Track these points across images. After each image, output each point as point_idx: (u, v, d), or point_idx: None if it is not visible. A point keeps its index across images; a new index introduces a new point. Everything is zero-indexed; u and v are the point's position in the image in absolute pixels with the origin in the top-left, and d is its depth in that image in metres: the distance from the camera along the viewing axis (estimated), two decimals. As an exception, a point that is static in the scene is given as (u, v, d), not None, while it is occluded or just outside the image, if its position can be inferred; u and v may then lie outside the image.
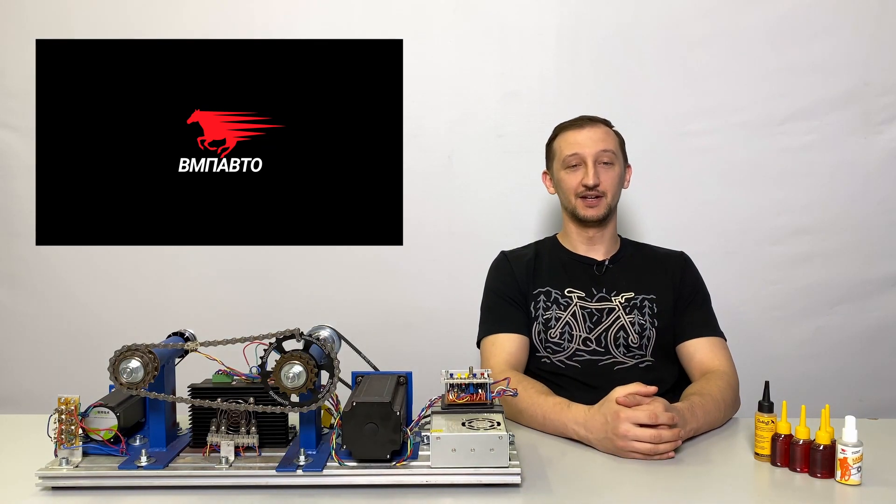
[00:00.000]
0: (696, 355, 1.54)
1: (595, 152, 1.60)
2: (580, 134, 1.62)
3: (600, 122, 1.66)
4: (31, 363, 2.13)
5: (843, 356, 2.11)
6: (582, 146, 1.61)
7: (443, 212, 2.10)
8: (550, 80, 2.07)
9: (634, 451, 1.21)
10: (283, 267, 2.10)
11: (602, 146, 1.60)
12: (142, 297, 2.11)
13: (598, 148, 1.60)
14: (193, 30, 2.05)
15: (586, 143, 1.61)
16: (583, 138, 1.61)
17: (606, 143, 1.61)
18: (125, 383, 1.08)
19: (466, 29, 2.07)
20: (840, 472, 1.11)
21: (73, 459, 1.11)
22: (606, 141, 1.62)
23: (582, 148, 1.60)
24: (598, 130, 1.63)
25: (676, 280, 1.62)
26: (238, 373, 1.21)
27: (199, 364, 1.21)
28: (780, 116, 2.05)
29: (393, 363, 1.32)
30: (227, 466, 1.09)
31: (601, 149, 1.60)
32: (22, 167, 2.06)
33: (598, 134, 1.62)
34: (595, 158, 1.60)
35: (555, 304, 1.59)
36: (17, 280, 2.12)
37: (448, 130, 2.09)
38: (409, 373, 1.24)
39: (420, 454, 1.12)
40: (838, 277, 2.09)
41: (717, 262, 1.98)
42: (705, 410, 1.34)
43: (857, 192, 2.07)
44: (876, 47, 2.03)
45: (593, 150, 1.60)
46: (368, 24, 2.05)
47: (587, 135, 1.62)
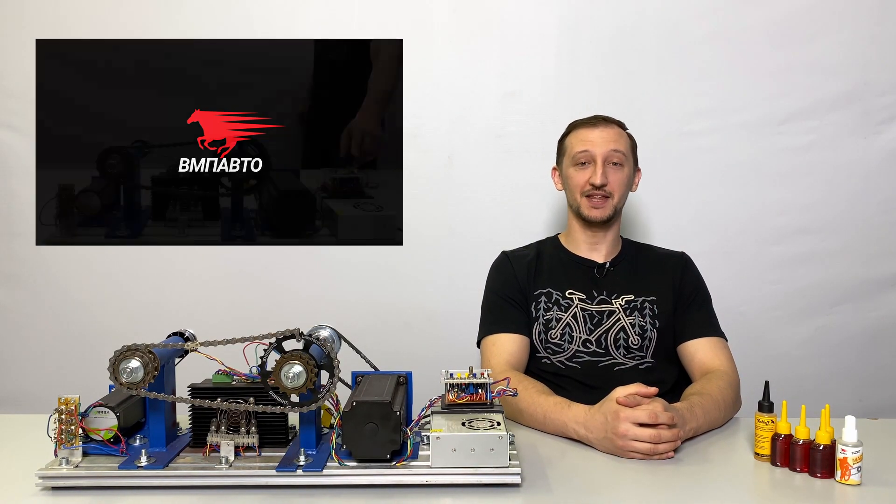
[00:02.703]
0: (697, 355, 1.54)
1: (605, 151, 1.59)
2: (592, 132, 1.62)
3: (614, 122, 1.65)
4: (31, 363, 2.13)
5: (843, 356, 2.11)
6: (593, 144, 1.60)
7: (443, 212, 2.10)
8: (550, 80, 2.07)
9: (634, 450, 1.21)
10: (283, 267, 2.10)
11: (613, 146, 1.60)
12: (142, 297, 2.11)
13: (609, 147, 1.59)
14: (193, 30, 2.05)
15: (597, 141, 1.60)
16: (594, 136, 1.61)
17: (618, 144, 1.60)
18: (125, 383, 1.08)
19: (466, 29, 2.07)
20: (840, 472, 1.11)
21: (73, 459, 1.11)
22: (618, 141, 1.61)
23: (593, 146, 1.60)
24: (611, 131, 1.62)
25: (677, 281, 1.62)
26: (238, 373, 1.21)
27: (199, 364, 1.21)
28: (780, 116, 2.06)
29: (393, 363, 1.32)
30: (227, 466, 1.09)
31: (612, 148, 1.59)
32: (22, 167, 2.06)
33: (610, 134, 1.61)
34: (605, 158, 1.59)
35: (556, 306, 1.59)
36: (17, 280, 2.12)
37: (448, 130, 2.09)
38: (409, 373, 1.24)
39: (420, 454, 1.12)
40: (838, 277, 2.09)
41: (717, 262, 1.98)
42: (705, 410, 1.33)
43: (858, 192, 2.07)
44: (876, 47, 2.03)
45: (604, 149, 1.59)
46: (368, 24, 2.05)
47: (599, 134, 1.61)
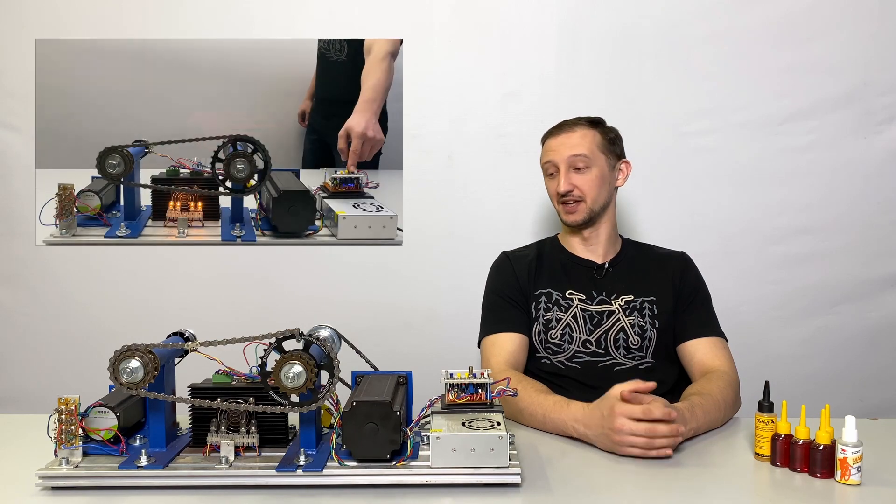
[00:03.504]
0: (697, 355, 1.54)
1: (565, 158, 1.58)
2: (555, 140, 1.62)
3: (581, 123, 1.62)
4: (31, 363, 2.13)
5: (843, 356, 2.11)
6: (554, 153, 1.60)
7: (443, 212, 2.10)
8: (550, 80, 2.07)
9: (631, 445, 1.20)
10: (283, 267, 2.10)
11: (572, 151, 1.58)
12: (142, 297, 2.11)
13: (569, 153, 1.58)
14: (193, 30, 2.05)
15: (558, 149, 1.60)
16: (556, 144, 1.61)
17: (578, 148, 1.58)
18: (125, 383, 1.08)
19: (466, 29, 2.07)
20: (840, 472, 1.11)
21: (73, 459, 1.11)
22: (580, 144, 1.59)
23: (554, 154, 1.60)
24: (573, 135, 1.60)
25: (677, 280, 1.62)
26: (238, 373, 1.21)
27: (199, 364, 1.21)
28: (780, 116, 2.06)
29: (393, 363, 1.32)
30: (227, 466, 1.09)
31: (572, 154, 1.58)
32: (22, 167, 2.06)
33: (571, 139, 1.60)
34: (567, 164, 1.58)
35: (556, 306, 1.59)
36: (17, 280, 2.12)
37: (448, 130, 2.09)
38: (409, 373, 1.24)
39: (420, 454, 1.12)
40: (838, 277, 2.09)
41: (717, 262, 1.98)
42: (705, 410, 1.33)
43: (858, 192, 2.07)
44: (876, 47, 2.03)
45: (564, 155, 1.59)
46: (368, 24, 2.05)
47: (560, 141, 1.61)
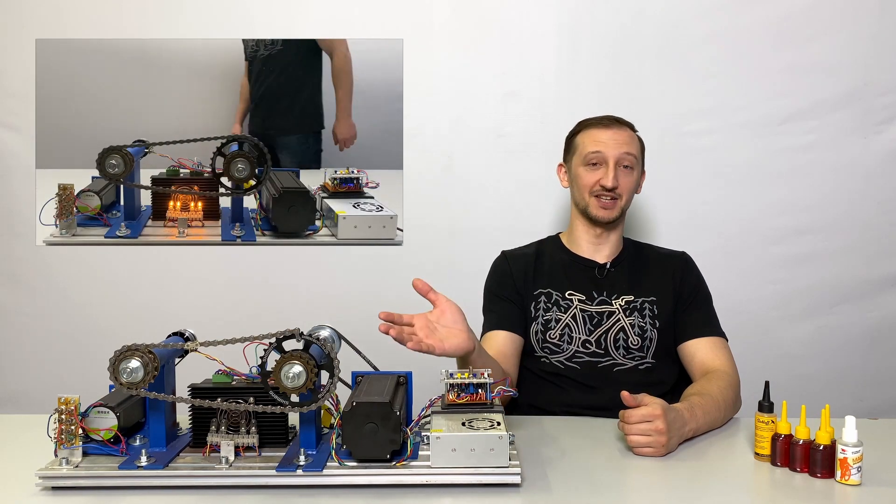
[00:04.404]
0: (697, 355, 1.54)
1: (618, 154, 1.58)
2: (605, 133, 1.60)
3: (626, 124, 1.64)
4: (31, 363, 2.13)
5: (843, 356, 2.11)
6: (606, 146, 1.59)
7: (443, 212, 2.10)
8: (550, 80, 2.07)
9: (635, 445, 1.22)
10: (283, 267, 2.10)
11: (626, 149, 1.59)
12: (142, 297, 2.11)
13: (622, 150, 1.58)
14: (193, 30, 2.05)
15: (610, 143, 1.59)
16: (607, 138, 1.60)
17: (630, 147, 1.60)
18: (125, 383, 1.08)
19: (466, 29, 2.07)
20: (840, 472, 1.11)
21: (73, 459, 1.11)
22: (630, 145, 1.60)
23: (606, 147, 1.59)
24: (623, 133, 1.61)
25: (677, 280, 1.62)
26: (238, 373, 1.21)
27: (199, 364, 1.21)
28: (780, 116, 2.05)
29: (393, 363, 1.32)
30: (227, 466, 1.09)
31: (625, 151, 1.58)
32: (22, 167, 2.06)
33: (622, 136, 1.60)
34: (617, 160, 1.58)
35: (555, 306, 1.59)
36: (17, 280, 2.12)
37: (448, 130, 2.09)
38: (409, 373, 1.25)
39: (420, 454, 1.12)
40: (838, 277, 2.09)
41: (717, 262, 1.98)
42: (705, 410, 1.33)
43: (858, 192, 2.07)
44: (876, 47, 2.03)
45: (616, 151, 1.58)
46: (368, 24, 2.05)
47: (612, 135, 1.60)
